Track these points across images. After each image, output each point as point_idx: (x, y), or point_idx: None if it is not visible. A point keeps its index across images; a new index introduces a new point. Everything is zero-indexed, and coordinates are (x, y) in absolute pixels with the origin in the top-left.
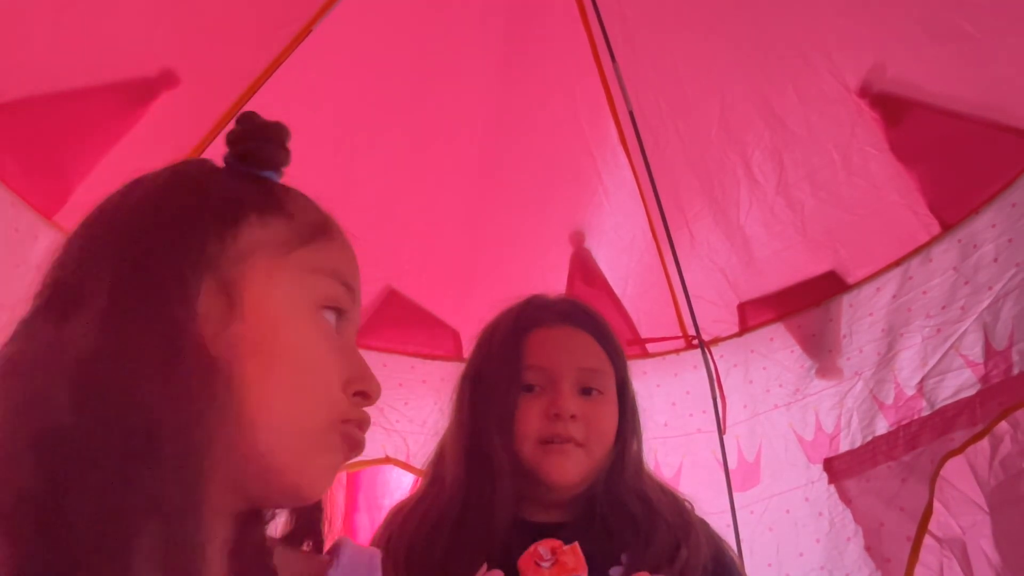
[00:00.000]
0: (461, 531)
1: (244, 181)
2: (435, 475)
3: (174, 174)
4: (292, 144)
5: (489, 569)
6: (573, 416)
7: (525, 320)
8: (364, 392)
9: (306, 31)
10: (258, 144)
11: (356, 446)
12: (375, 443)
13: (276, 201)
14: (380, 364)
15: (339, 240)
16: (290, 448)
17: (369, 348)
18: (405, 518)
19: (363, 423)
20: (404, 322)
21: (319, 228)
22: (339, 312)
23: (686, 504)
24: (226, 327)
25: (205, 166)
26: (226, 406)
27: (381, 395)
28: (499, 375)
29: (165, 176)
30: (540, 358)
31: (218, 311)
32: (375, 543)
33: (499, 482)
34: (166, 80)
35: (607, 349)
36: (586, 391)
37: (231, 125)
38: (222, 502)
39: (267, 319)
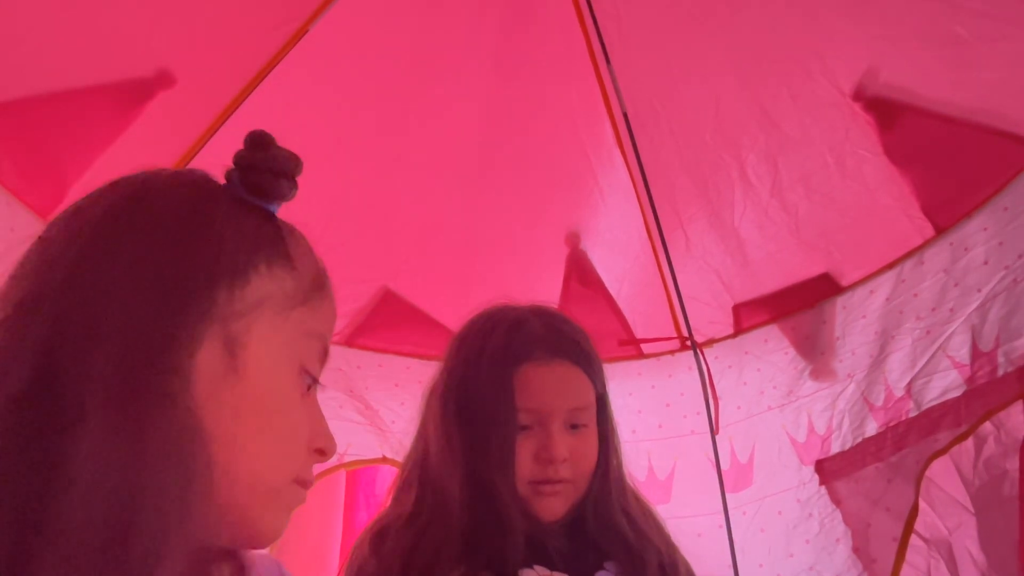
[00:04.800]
0: (473, 554)
1: (254, 218)
2: (424, 492)
3: (186, 203)
4: (289, 145)
5: None
6: (564, 459)
7: (514, 354)
8: (322, 449)
9: (302, 32)
10: (276, 178)
11: (301, 502)
12: (372, 443)
13: (284, 248)
14: (376, 364)
15: (330, 297)
16: (258, 503)
17: (365, 348)
18: (396, 538)
19: (310, 483)
20: (400, 322)
21: (317, 284)
22: (314, 379)
23: (664, 524)
24: (224, 387)
25: (212, 192)
26: (205, 469)
27: (376, 398)
28: (495, 417)
29: (174, 202)
30: (531, 399)
31: (217, 369)
32: (351, 564)
33: (510, 518)
34: (162, 80)
35: (592, 375)
36: (573, 427)
37: (228, 125)
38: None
39: (262, 380)
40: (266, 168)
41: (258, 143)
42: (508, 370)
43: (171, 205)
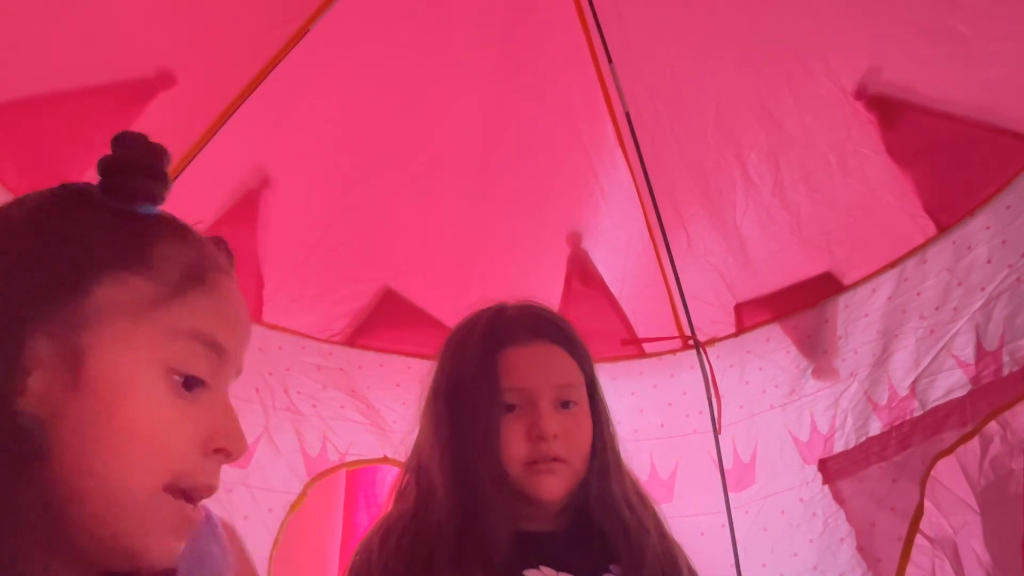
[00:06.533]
0: (463, 548)
1: (110, 224)
2: (420, 490)
3: (29, 219)
4: (290, 145)
5: None
6: (555, 435)
7: (496, 338)
8: (225, 449)
9: (303, 31)
10: (129, 178)
11: (189, 520)
12: (374, 443)
13: (137, 252)
14: (377, 364)
15: (217, 288)
16: (126, 518)
17: (366, 348)
18: (400, 537)
19: (208, 489)
20: (401, 322)
21: (188, 281)
22: (194, 378)
23: (664, 518)
24: (65, 403)
25: (66, 203)
26: (47, 487)
27: (377, 397)
28: (478, 399)
29: (17, 219)
30: (517, 378)
31: (54, 384)
32: (356, 564)
33: (491, 505)
34: (163, 80)
35: (576, 357)
36: (564, 404)
37: (229, 125)
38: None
39: (110, 392)
40: (121, 168)
41: (118, 142)
42: (491, 354)
43: (13, 223)
